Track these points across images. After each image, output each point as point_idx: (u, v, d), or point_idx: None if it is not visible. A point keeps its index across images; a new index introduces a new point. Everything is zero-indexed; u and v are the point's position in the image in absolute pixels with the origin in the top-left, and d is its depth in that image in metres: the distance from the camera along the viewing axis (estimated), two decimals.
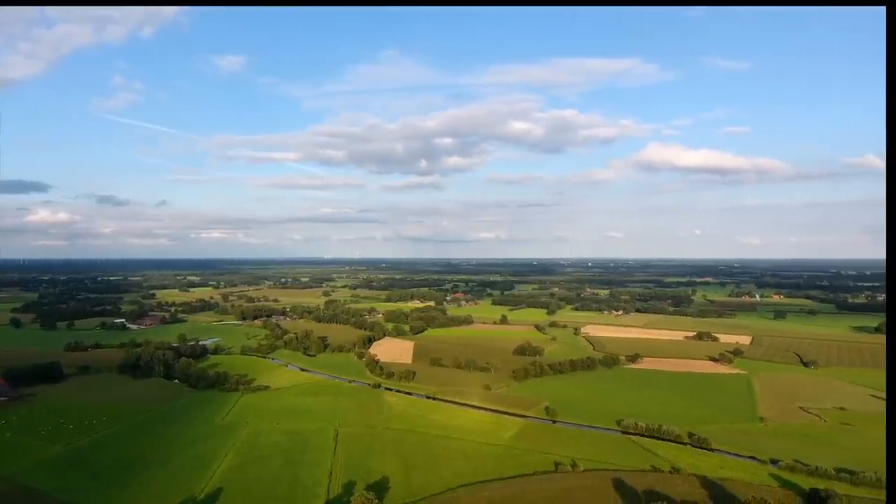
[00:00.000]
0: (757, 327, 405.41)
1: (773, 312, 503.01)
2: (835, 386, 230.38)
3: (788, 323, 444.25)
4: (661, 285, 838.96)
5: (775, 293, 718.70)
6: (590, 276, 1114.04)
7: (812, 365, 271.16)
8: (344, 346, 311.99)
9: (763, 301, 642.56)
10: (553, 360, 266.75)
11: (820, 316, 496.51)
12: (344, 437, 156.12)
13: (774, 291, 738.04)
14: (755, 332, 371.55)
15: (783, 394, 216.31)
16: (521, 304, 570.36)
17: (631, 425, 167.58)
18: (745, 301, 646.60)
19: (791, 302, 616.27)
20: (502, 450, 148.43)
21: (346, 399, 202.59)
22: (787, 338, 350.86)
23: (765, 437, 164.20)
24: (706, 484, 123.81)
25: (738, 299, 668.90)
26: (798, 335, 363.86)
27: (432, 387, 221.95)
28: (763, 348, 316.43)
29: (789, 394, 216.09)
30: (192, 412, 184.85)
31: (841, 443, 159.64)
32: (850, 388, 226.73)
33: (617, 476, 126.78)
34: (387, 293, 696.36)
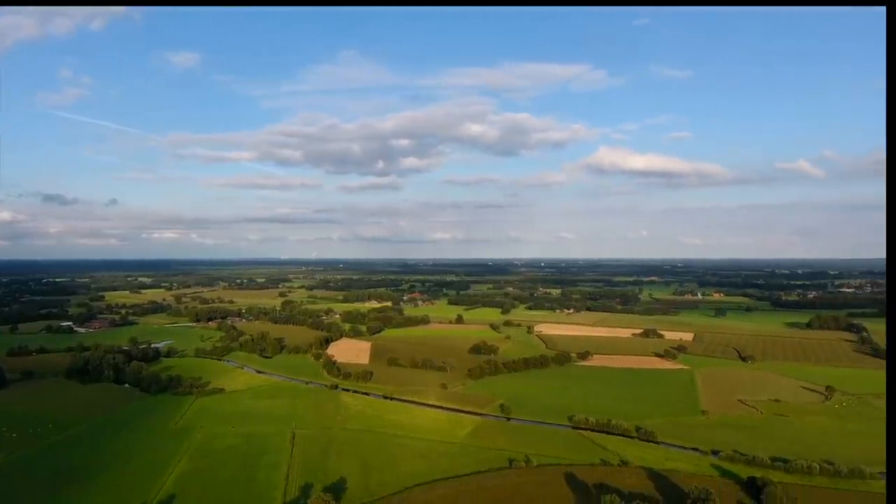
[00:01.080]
0: (699, 324, 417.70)
1: (713, 310, 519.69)
2: (770, 379, 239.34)
3: (728, 320, 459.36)
4: (609, 284, 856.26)
5: (716, 291, 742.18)
6: (543, 275, 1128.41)
7: (749, 360, 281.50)
8: (301, 347, 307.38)
9: (704, 299, 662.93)
10: (507, 359, 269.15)
11: (756, 313, 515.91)
12: (301, 439, 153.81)
13: (715, 290, 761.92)
14: (697, 329, 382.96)
15: (723, 387, 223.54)
16: (476, 304, 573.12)
17: (582, 420, 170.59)
18: (688, 299, 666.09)
19: (730, 300, 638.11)
20: (458, 448, 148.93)
21: (303, 400, 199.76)
22: (726, 334, 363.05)
23: (706, 429, 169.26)
24: (652, 476, 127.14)
25: (682, 297, 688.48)
26: (736, 331, 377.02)
27: (389, 387, 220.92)
28: (704, 344, 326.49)
29: (729, 387, 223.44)
30: (143, 417, 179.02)
31: (776, 433, 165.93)
32: (784, 380, 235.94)
33: (569, 470, 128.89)
34: (344, 294, 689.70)
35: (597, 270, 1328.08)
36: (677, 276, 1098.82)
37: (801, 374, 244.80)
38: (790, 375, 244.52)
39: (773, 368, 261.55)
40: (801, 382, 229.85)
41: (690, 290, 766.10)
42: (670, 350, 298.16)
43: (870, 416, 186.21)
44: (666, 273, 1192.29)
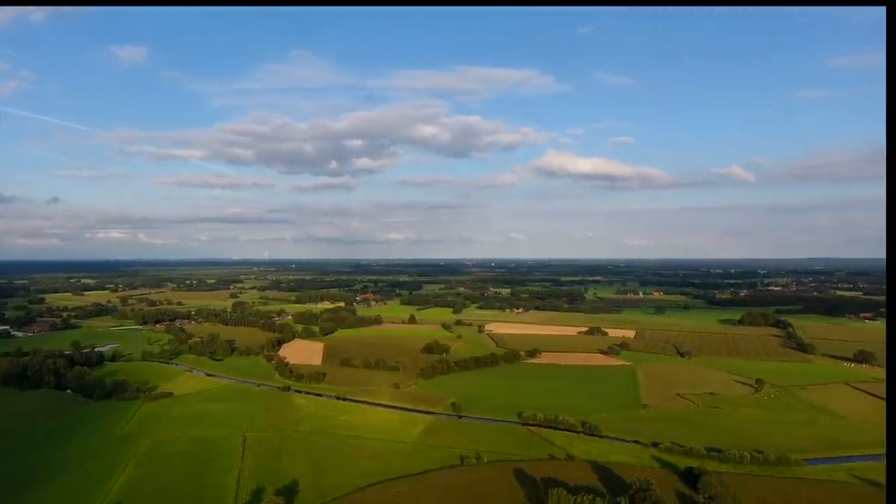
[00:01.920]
0: (640, 322, 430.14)
1: (653, 308, 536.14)
2: (705, 373, 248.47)
3: (667, 317, 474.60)
4: (557, 284, 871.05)
5: (656, 290, 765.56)
6: (493, 275, 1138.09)
7: (687, 355, 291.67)
8: (252, 348, 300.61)
9: (645, 298, 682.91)
10: (459, 358, 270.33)
11: (693, 310, 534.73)
12: (252, 442, 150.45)
13: (655, 289, 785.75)
14: (639, 327, 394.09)
15: (663, 382, 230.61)
16: (428, 304, 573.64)
17: (530, 417, 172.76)
18: (630, 298, 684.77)
19: (669, 298, 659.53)
20: (411, 447, 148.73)
21: (255, 403, 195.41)
22: (665, 331, 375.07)
23: (647, 423, 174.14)
24: (597, 468, 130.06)
25: (624, 296, 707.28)
26: (675, 328, 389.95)
27: (342, 387, 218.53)
28: (645, 341, 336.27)
29: (668, 382, 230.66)
30: (86, 424, 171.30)
31: (711, 424, 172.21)
32: (718, 374, 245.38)
33: (518, 466, 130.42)
34: (296, 294, 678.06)
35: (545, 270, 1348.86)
36: (620, 275, 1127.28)
37: (733, 368, 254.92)
38: (724, 369, 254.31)
39: (708, 363, 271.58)
40: (733, 376, 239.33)
41: (632, 290, 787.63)
42: (614, 347, 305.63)
43: (795, 406, 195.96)
44: (610, 273, 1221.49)
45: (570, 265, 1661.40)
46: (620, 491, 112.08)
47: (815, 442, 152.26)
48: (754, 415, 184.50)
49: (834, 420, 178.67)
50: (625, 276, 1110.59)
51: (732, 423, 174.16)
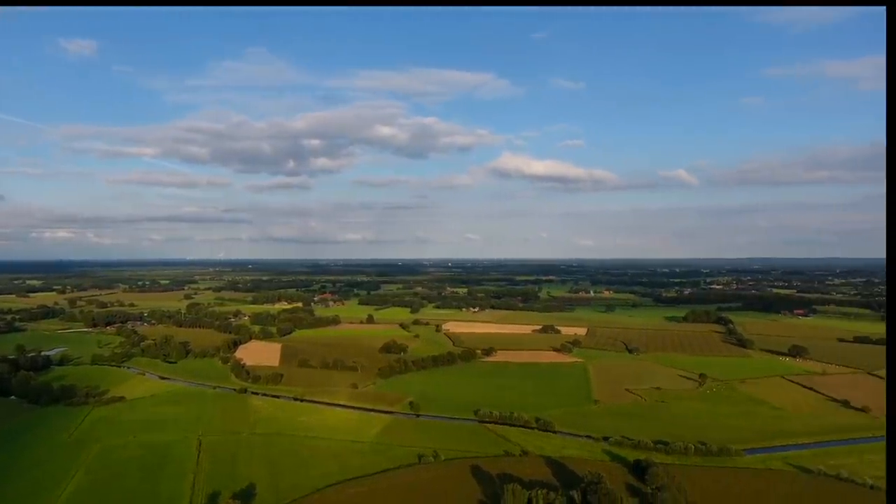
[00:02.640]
0: (592, 320, 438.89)
1: (604, 306, 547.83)
2: (653, 369, 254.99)
3: (616, 315, 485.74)
4: (512, 283, 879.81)
5: (606, 289, 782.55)
6: (450, 275, 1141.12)
7: (635, 351, 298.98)
8: (208, 350, 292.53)
9: (596, 296, 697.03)
10: (417, 357, 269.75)
11: (641, 308, 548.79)
12: (208, 446, 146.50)
13: (605, 287, 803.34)
14: (590, 324, 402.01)
15: (613, 378, 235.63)
16: (386, 304, 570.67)
17: (486, 414, 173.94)
18: (582, 297, 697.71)
19: (618, 297, 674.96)
20: (369, 446, 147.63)
21: (210, 406, 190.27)
22: (615, 328, 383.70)
23: (598, 418, 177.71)
24: (550, 463, 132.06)
25: (576, 295, 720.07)
26: (624, 326, 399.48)
27: (300, 388, 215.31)
28: (596, 338, 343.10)
29: (617, 378, 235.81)
30: (32, 431, 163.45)
31: (658, 418, 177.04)
32: (664, 370, 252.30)
33: (474, 463, 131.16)
34: (253, 295, 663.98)
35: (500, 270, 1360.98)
36: (572, 275, 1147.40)
37: (678, 364, 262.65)
38: (669, 365, 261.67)
39: (655, 359, 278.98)
40: (678, 371, 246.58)
41: (584, 289, 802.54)
42: (566, 344, 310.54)
43: (735, 399, 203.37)
44: (562, 272, 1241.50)
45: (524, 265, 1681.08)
46: (573, 484, 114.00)
47: (753, 433, 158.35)
48: (698, 408, 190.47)
49: (770, 412, 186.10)
50: (577, 275, 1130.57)
51: (678, 416, 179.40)
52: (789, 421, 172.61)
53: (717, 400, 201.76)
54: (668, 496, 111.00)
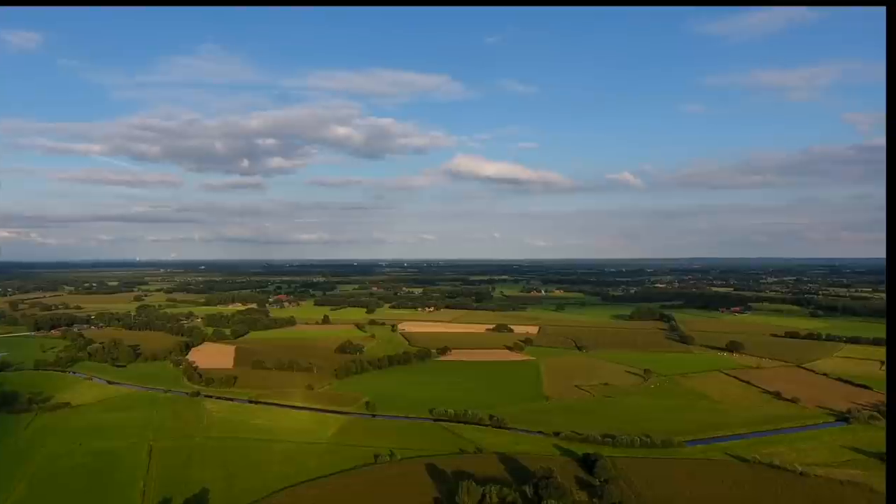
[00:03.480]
0: (543, 318, 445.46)
1: (555, 305, 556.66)
2: (600, 365, 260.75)
3: (566, 313, 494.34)
4: (466, 283, 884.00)
5: (557, 288, 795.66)
6: (406, 275, 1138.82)
7: (584, 349, 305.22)
8: (159, 354, 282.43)
9: (547, 295, 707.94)
10: (372, 357, 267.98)
11: (589, 307, 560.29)
12: (159, 452, 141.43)
13: (556, 287, 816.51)
14: (542, 323, 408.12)
15: (563, 375, 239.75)
16: (342, 304, 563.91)
17: (441, 413, 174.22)
18: (534, 296, 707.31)
19: (568, 295, 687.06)
20: (325, 447, 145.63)
21: (161, 410, 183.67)
22: (565, 326, 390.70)
23: (549, 413, 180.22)
24: (504, 459, 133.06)
25: (529, 294, 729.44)
26: (574, 324, 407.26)
27: (255, 390, 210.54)
28: (547, 336, 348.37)
29: (568, 374, 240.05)
30: None
31: (605, 412, 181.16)
32: (611, 366, 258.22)
33: (430, 461, 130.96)
34: (206, 296, 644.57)
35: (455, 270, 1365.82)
36: (525, 274, 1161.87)
37: (624, 360, 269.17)
38: (616, 361, 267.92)
39: (603, 356, 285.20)
40: (625, 367, 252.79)
41: (536, 288, 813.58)
42: (518, 343, 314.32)
43: (678, 393, 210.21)
44: (515, 272, 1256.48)
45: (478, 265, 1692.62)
46: (526, 479, 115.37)
47: (694, 425, 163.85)
48: (643, 402, 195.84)
49: (710, 404, 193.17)
50: (529, 275, 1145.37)
51: (624, 410, 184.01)
52: (727, 413, 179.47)
53: (661, 394, 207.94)
54: (615, 488, 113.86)
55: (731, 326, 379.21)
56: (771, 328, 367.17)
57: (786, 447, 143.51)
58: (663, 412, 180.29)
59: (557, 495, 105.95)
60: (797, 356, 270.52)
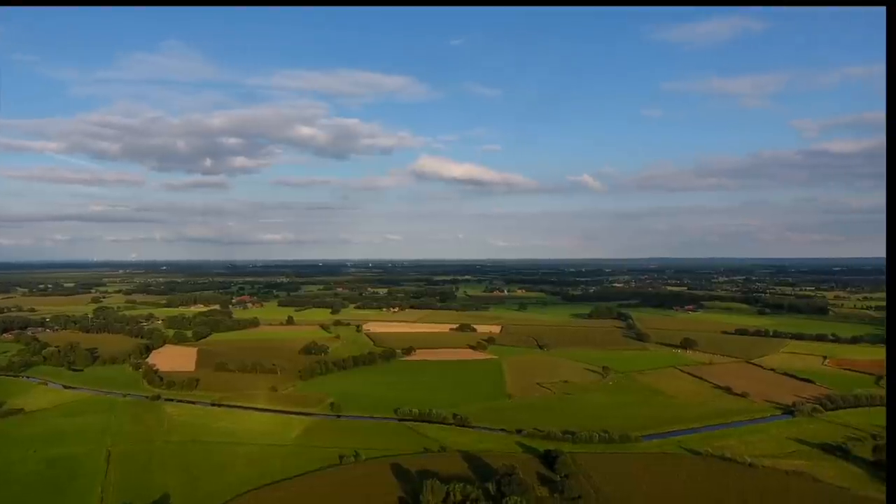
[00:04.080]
0: (506, 317, 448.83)
1: (517, 304, 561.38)
2: (561, 363, 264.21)
3: (528, 313, 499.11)
4: (431, 283, 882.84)
5: (519, 288, 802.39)
6: (371, 275, 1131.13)
7: (545, 347, 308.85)
8: (118, 357, 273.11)
9: (510, 295, 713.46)
10: (337, 358, 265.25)
11: (550, 306, 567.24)
12: (118, 457, 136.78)
13: (518, 286, 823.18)
14: (504, 322, 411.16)
15: (525, 373, 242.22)
16: (307, 305, 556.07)
17: (406, 412, 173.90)
18: (497, 295, 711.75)
19: (530, 295, 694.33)
20: (289, 449, 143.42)
21: (120, 415, 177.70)
22: (527, 325, 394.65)
23: (512, 411, 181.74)
24: (468, 458, 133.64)
25: (492, 294, 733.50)
26: (535, 323, 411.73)
27: (217, 393, 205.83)
28: (510, 335, 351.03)
29: (529, 373, 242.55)
30: None
31: (566, 409, 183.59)
32: (571, 364, 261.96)
33: (395, 461, 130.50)
34: (167, 298, 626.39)
35: (420, 270, 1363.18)
36: (488, 274, 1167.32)
37: (584, 358, 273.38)
38: (576, 359, 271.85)
39: (563, 354, 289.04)
40: (584, 365, 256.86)
41: (498, 288, 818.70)
42: (482, 342, 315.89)
43: (634, 389, 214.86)
44: (478, 272, 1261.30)
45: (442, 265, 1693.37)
46: (489, 477, 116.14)
47: (650, 420, 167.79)
48: (601, 399, 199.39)
49: (665, 400, 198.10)
50: (492, 275, 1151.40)
51: (583, 407, 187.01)
52: (681, 408, 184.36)
53: (619, 391, 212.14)
54: (575, 483, 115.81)
55: (684, 324, 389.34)
56: (722, 325, 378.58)
57: (736, 440, 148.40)
58: (621, 408, 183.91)
59: (520, 492, 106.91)
60: (746, 352, 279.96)
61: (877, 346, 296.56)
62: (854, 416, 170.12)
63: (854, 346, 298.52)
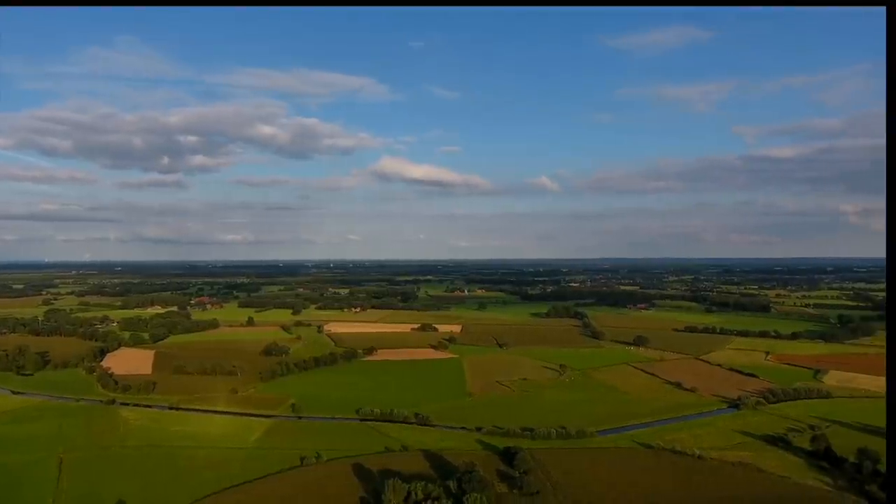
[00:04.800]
0: (466, 317, 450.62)
1: (477, 304, 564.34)
2: (520, 362, 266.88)
3: (488, 312, 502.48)
4: (392, 283, 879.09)
5: (479, 288, 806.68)
6: (332, 276, 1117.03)
7: (505, 346, 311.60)
8: (70, 360, 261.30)
9: (470, 295, 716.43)
10: (298, 359, 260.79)
11: (510, 305, 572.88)
12: (71, 465, 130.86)
13: (479, 286, 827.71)
14: (465, 322, 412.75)
15: (485, 372, 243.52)
16: (267, 306, 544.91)
17: (368, 412, 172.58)
18: (457, 295, 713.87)
19: (490, 295, 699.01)
20: (249, 452, 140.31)
21: (73, 420, 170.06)
22: (487, 325, 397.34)
23: (472, 410, 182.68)
24: (429, 456, 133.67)
25: (452, 294, 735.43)
26: (495, 322, 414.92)
27: (176, 396, 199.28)
28: (470, 335, 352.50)
29: (489, 371, 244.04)
30: None
31: (524, 407, 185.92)
32: (530, 362, 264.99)
33: (357, 461, 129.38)
34: (122, 299, 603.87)
35: (381, 271, 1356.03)
36: (448, 274, 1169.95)
37: (542, 356, 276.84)
38: (534, 357, 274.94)
39: (522, 352, 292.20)
40: (542, 363, 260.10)
41: (459, 287, 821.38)
42: (443, 341, 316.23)
43: (590, 386, 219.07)
44: (439, 272, 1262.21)
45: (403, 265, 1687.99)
46: (450, 475, 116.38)
47: (605, 416, 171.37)
48: (559, 396, 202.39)
49: (619, 396, 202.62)
50: (452, 275, 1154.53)
51: (542, 404, 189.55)
52: (634, 403, 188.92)
53: (575, 388, 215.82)
54: (534, 478, 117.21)
55: (637, 322, 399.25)
56: (672, 323, 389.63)
57: (686, 433, 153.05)
58: (577, 405, 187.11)
59: (480, 488, 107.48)
60: (695, 349, 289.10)
61: (814, 341, 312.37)
62: (794, 408, 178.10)
63: (794, 342, 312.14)
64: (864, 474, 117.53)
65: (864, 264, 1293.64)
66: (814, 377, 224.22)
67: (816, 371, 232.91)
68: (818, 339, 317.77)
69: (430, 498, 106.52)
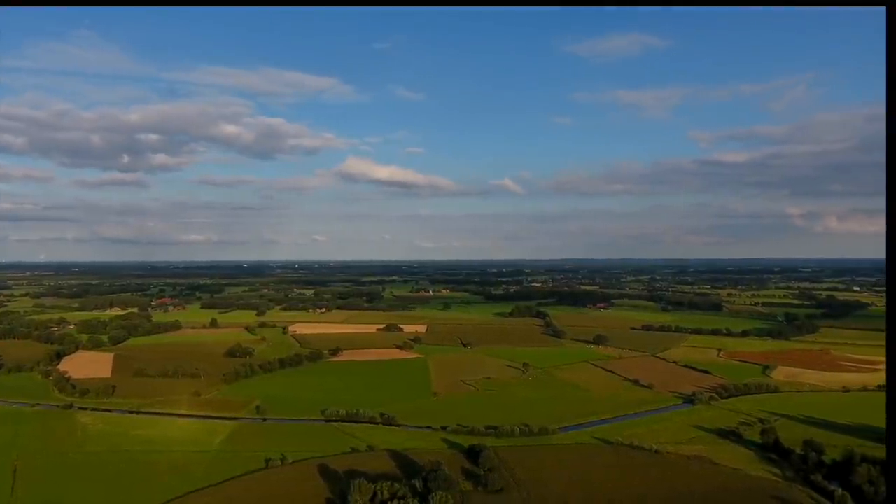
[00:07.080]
0: (431, 317, 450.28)
1: (442, 304, 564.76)
2: (484, 361, 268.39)
3: (453, 312, 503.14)
4: (357, 284, 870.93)
5: (444, 288, 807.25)
6: (297, 276, 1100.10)
7: (469, 345, 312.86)
8: (24, 364, 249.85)
9: (435, 295, 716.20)
10: (263, 360, 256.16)
11: (474, 305, 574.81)
12: (26, 472, 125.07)
13: (443, 287, 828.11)
14: (430, 322, 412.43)
15: (450, 371, 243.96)
16: (231, 307, 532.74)
17: (333, 413, 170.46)
18: (422, 295, 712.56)
19: (454, 295, 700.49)
20: (213, 455, 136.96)
21: (28, 426, 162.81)
22: (452, 324, 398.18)
23: (437, 409, 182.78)
24: (395, 456, 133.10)
25: (417, 294, 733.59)
26: (459, 322, 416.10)
27: (136, 400, 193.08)
28: (435, 335, 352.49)
29: (454, 370, 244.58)
30: None
31: (488, 405, 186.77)
32: (493, 361, 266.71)
33: (322, 462, 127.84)
34: (80, 301, 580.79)
35: (346, 271, 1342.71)
36: (414, 275, 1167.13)
37: (505, 355, 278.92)
38: (498, 356, 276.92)
39: (486, 352, 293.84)
40: (506, 362, 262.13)
41: (424, 288, 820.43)
42: (408, 342, 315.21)
43: (552, 384, 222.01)
44: (405, 273, 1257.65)
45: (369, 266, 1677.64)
46: (416, 474, 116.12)
47: (567, 413, 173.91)
48: (522, 394, 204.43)
49: (580, 393, 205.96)
50: (417, 275, 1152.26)
51: (505, 402, 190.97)
52: (594, 401, 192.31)
53: (538, 386, 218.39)
54: (498, 476, 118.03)
55: (596, 321, 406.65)
56: (630, 322, 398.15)
57: (643, 429, 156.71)
58: (540, 402, 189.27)
59: (445, 487, 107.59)
60: (652, 346, 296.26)
61: (763, 339, 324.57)
62: (744, 403, 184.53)
63: (744, 340, 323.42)
64: (810, 465, 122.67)
65: (808, 264, 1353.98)
66: (763, 373, 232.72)
67: (765, 367, 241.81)
68: (767, 336, 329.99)
69: (396, 497, 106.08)
